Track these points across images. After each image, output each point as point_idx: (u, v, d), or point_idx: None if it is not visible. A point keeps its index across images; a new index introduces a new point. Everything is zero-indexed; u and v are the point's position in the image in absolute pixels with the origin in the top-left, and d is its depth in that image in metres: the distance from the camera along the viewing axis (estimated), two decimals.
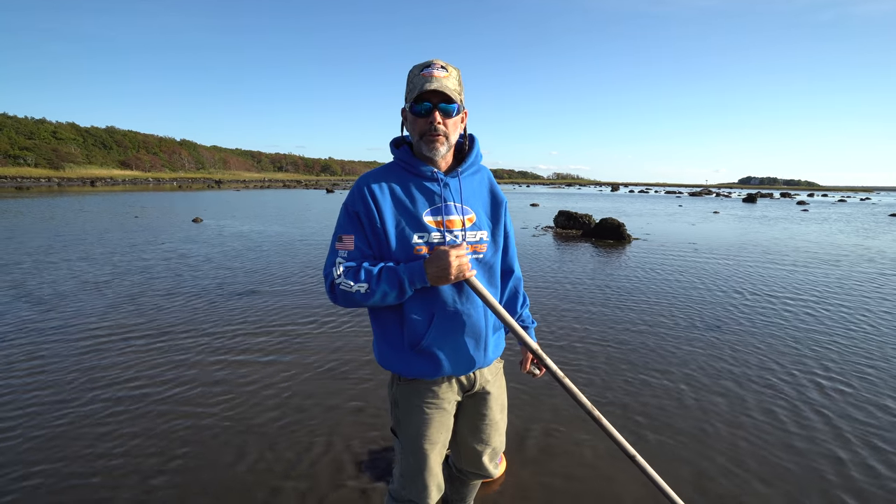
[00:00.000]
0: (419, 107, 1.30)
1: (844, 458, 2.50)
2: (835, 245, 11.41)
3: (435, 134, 1.31)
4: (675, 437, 2.68)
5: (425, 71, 1.29)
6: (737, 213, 23.69)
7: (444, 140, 1.34)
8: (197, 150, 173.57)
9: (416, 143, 1.36)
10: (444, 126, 1.32)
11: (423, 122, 1.31)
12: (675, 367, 3.65)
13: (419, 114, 1.31)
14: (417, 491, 1.46)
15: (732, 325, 4.75)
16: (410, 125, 1.36)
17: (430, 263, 1.27)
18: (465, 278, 1.30)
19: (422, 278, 1.28)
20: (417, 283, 1.28)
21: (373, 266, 1.31)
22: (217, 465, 2.37)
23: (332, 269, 1.33)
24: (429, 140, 1.33)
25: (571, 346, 4.08)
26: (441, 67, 1.30)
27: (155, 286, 6.04)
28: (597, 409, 1.46)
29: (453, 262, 1.25)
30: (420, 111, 1.30)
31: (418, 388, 1.43)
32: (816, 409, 3.03)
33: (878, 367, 3.70)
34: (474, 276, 1.33)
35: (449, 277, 1.27)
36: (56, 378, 3.30)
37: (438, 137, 1.32)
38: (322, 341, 4.12)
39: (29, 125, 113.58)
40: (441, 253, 1.26)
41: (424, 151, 1.35)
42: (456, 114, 1.33)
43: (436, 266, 1.26)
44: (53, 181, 67.82)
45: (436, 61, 1.31)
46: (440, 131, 1.31)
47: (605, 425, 1.46)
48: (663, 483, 1.54)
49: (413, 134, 1.36)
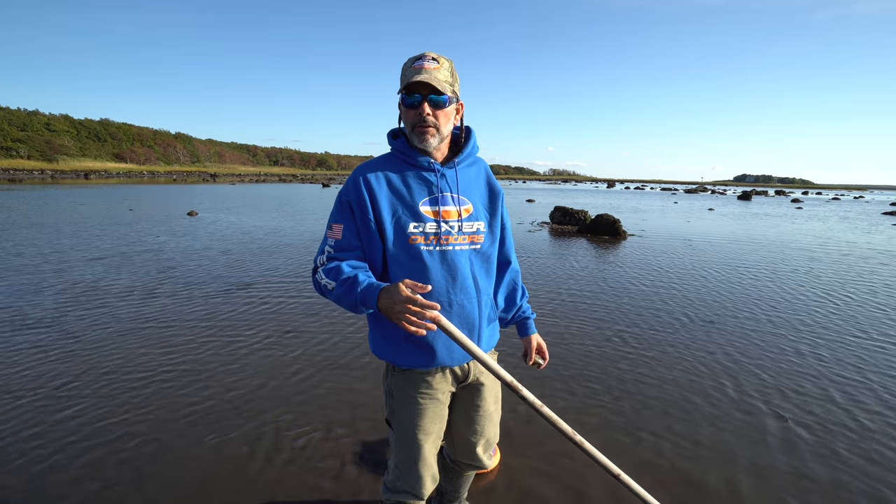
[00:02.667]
0: (409, 98, 1.31)
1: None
2: (832, 240, 11.49)
3: (424, 125, 1.32)
4: (671, 437, 2.72)
5: (416, 63, 1.31)
6: (732, 210, 23.80)
7: (435, 132, 1.34)
8: (192, 144, 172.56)
9: (408, 134, 1.38)
10: (434, 117, 1.32)
11: (414, 114, 1.32)
12: (673, 365, 3.68)
13: (410, 105, 1.32)
14: (412, 482, 1.46)
15: (728, 318, 4.80)
16: (403, 116, 1.38)
17: (383, 295, 1.17)
18: (425, 330, 1.14)
19: (373, 304, 1.19)
20: (369, 306, 1.20)
21: (352, 268, 1.29)
22: (210, 454, 2.38)
23: (318, 258, 1.38)
24: (419, 131, 1.33)
25: (566, 343, 4.10)
26: (432, 59, 1.31)
27: (148, 279, 6.02)
28: (577, 434, 1.35)
29: (396, 308, 1.12)
30: (411, 103, 1.31)
31: (412, 378, 1.44)
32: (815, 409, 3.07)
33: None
34: (439, 317, 1.16)
35: (393, 318, 1.15)
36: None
37: (428, 129, 1.33)
38: (318, 333, 4.12)
39: (22, 117, 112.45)
40: (393, 290, 1.14)
41: (416, 143, 1.36)
42: (447, 105, 1.33)
43: (385, 301, 1.16)
44: (47, 173, 67.20)
45: (427, 53, 1.33)
46: (430, 122, 1.32)
47: (588, 448, 1.36)
48: (651, 498, 1.49)
49: (406, 125, 1.38)
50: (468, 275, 1.40)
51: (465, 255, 1.40)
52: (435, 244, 1.36)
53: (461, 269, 1.39)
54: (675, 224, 15.37)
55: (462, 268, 1.39)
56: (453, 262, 1.38)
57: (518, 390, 1.28)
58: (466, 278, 1.40)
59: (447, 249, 1.37)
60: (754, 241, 11.38)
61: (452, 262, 1.38)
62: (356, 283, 1.24)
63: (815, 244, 11.01)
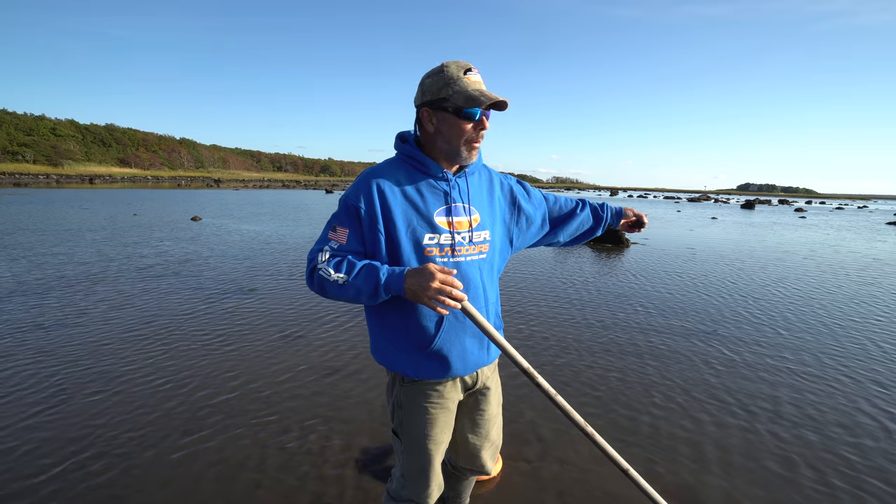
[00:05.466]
0: (471, 111, 1.25)
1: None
2: (837, 251, 11.45)
3: (479, 141, 1.32)
4: (671, 441, 2.70)
5: (470, 75, 1.26)
6: (735, 220, 23.75)
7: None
8: (196, 149, 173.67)
9: (451, 147, 1.31)
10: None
11: (472, 128, 1.29)
12: (672, 374, 3.66)
13: (470, 118, 1.26)
14: (419, 491, 1.44)
15: (730, 328, 4.77)
16: (450, 127, 1.29)
17: (411, 275, 1.19)
18: (460, 306, 1.19)
19: (399, 287, 1.20)
20: (392, 291, 1.21)
21: (358, 260, 1.26)
22: (207, 461, 2.36)
23: (317, 255, 1.28)
24: (472, 147, 1.32)
25: (567, 350, 4.08)
26: (477, 71, 1.29)
27: (150, 283, 6.03)
28: (589, 426, 1.36)
29: (433, 285, 1.14)
30: (472, 115, 1.26)
31: (423, 388, 1.41)
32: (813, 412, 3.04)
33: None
34: (466, 300, 1.20)
35: (423, 297, 1.16)
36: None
37: (479, 144, 1.33)
38: (319, 339, 4.11)
39: (28, 121, 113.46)
40: (426, 270, 1.16)
41: (463, 157, 1.33)
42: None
43: (415, 280, 1.17)
44: (52, 178, 67.67)
45: (467, 63, 1.29)
46: (482, 137, 1.32)
47: (598, 440, 1.38)
48: (658, 496, 1.49)
49: (453, 138, 1.30)
50: (479, 285, 1.38)
51: (475, 266, 1.38)
52: (450, 255, 1.33)
53: (472, 280, 1.36)
54: (679, 233, 15.34)
55: (473, 278, 1.37)
56: (466, 272, 1.35)
57: (534, 377, 1.28)
58: (478, 288, 1.38)
59: (460, 261, 1.35)
60: (761, 250, 11.35)
61: (465, 273, 1.35)
62: (376, 269, 1.22)
63: (826, 253, 10.97)
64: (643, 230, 1.67)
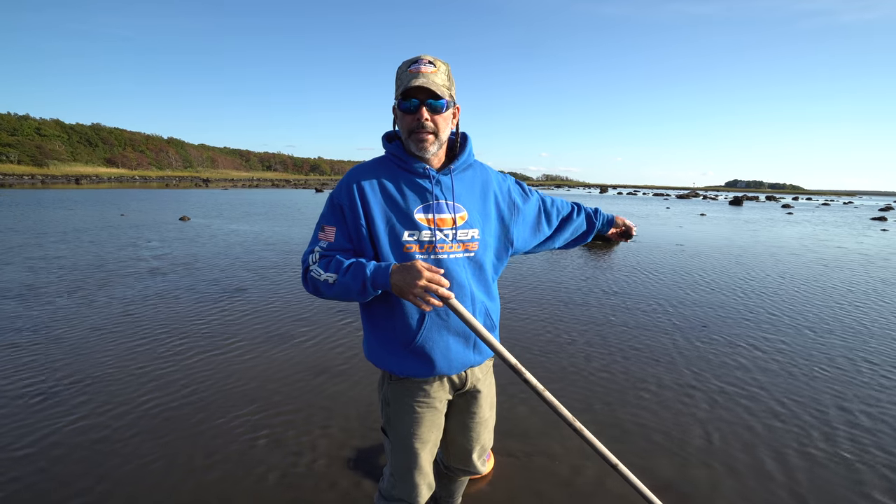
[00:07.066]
0: (406, 103, 1.27)
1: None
2: (822, 245, 11.62)
3: (423, 131, 1.29)
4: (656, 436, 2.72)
5: (412, 67, 1.27)
6: (724, 216, 24.00)
7: (434, 138, 1.31)
8: (184, 149, 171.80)
9: (405, 140, 1.34)
10: (433, 123, 1.29)
11: (411, 119, 1.29)
12: (662, 367, 3.70)
13: (407, 110, 1.28)
14: (408, 490, 1.44)
15: (718, 323, 4.83)
16: (399, 122, 1.33)
17: (397, 271, 1.20)
18: (444, 303, 1.21)
19: (385, 283, 1.21)
20: (380, 286, 1.22)
21: (346, 258, 1.29)
22: (197, 464, 2.35)
23: (308, 257, 1.33)
24: (417, 138, 1.30)
25: (559, 348, 4.11)
26: (429, 62, 1.27)
27: (140, 285, 5.97)
28: (577, 421, 1.38)
29: (420, 282, 1.16)
30: (408, 108, 1.28)
31: (410, 386, 1.41)
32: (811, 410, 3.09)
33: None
34: (453, 297, 1.21)
35: (409, 294, 1.18)
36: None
37: (427, 136, 1.29)
38: (311, 338, 4.09)
39: (12, 121, 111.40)
40: (413, 267, 1.18)
41: (413, 150, 1.32)
42: (445, 109, 1.30)
43: (401, 277, 1.19)
44: (37, 178, 66.61)
45: (423, 56, 1.28)
46: (428, 128, 1.29)
47: (587, 436, 1.39)
48: (647, 491, 1.51)
49: (402, 131, 1.33)
50: (463, 283, 1.37)
51: (459, 263, 1.37)
52: (430, 252, 1.33)
53: (456, 278, 1.35)
54: (667, 229, 15.47)
55: (457, 276, 1.35)
56: (448, 270, 1.34)
57: (521, 373, 1.30)
58: (462, 287, 1.36)
59: (441, 257, 1.34)
60: (752, 244, 11.48)
61: (449, 271, 1.34)
62: (363, 265, 1.25)
63: (819, 248, 11.14)
64: (630, 241, 1.69)
